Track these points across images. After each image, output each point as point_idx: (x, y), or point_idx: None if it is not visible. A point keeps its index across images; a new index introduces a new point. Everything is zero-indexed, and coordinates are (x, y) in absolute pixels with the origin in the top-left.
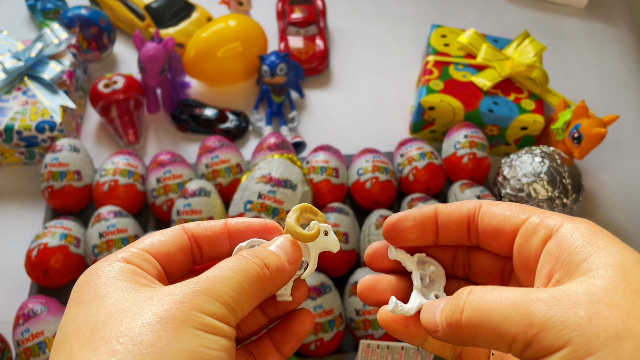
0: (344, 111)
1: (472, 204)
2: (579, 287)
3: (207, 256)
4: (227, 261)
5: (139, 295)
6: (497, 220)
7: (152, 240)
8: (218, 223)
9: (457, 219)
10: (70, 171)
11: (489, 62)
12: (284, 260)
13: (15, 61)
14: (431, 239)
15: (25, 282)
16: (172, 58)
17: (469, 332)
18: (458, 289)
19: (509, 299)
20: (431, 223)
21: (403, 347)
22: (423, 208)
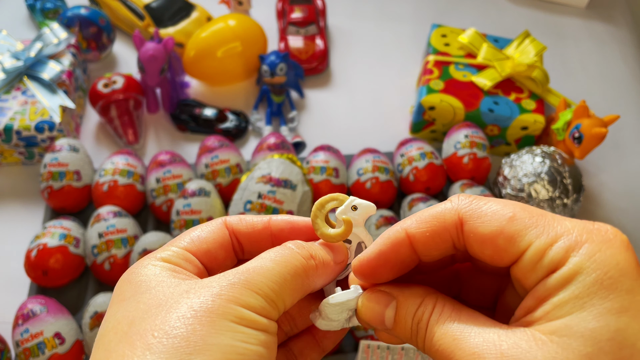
0: (344, 111)
1: (450, 219)
2: (543, 353)
3: (248, 253)
4: (270, 251)
5: (177, 289)
6: (490, 251)
7: (192, 237)
8: (260, 220)
9: (436, 244)
10: (70, 171)
11: (489, 61)
12: (330, 258)
13: (14, 61)
14: (410, 265)
15: (25, 282)
16: (171, 58)
17: (432, 356)
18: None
19: (465, 353)
20: (405, 250)
21: (403, 347)
22: (390, 235)
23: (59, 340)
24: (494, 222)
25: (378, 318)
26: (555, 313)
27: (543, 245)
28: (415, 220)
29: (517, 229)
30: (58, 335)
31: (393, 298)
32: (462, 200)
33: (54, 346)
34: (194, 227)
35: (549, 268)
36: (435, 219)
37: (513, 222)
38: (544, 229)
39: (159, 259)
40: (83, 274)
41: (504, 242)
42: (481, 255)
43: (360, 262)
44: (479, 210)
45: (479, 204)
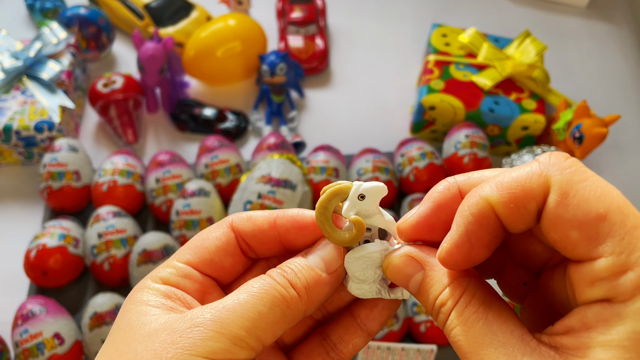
0: (344, 111)
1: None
2: None
3: (258, 253)
4: (250, 283)
5: (146, 329)
6: (557, 236)
7: (196, 248)
8: (267, 220)
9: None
10: (69, 171)
11: (489, 61)
12: (320, 270)
13: (13, 61)
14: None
15: (24, 282)
16: (171, 57)
17: (442, 329)
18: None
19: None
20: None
21: (404, 348)
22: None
23: (58, 340)
24: (580, 211)
25: (403, 283)
26: (598, 354)
27: (616, 265)
28: (494, 186)
29: (600, 232)
30: (57, 336)
31: (421, 268)
32: (555, 162)
33: (54, 346)
34: (201, 233)
35: (608, 293)
36: (520, 185)
37: (600, 222)
38: (626, 247)
39: (157, 280)
40: (82, 274)
41: (577, 239)
42: (547, 232)
43: (411, 225)
44: (572, 185)
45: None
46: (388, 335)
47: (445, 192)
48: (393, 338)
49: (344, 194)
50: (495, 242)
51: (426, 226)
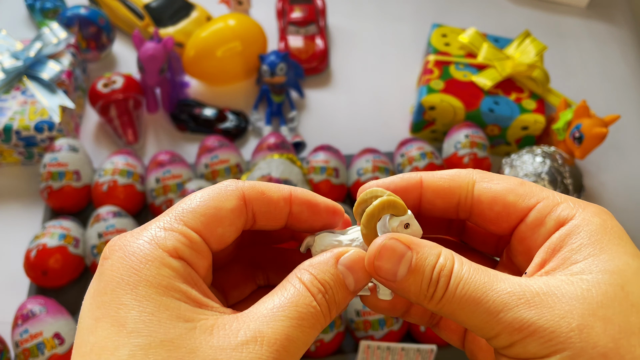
0: (344, 111)
1: (464, 177)
2: (574, 288)
3: (258, 226)
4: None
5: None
6: (499, 207)
7: (208, 217)
8: (282, 196)
9: (446, 195)
10: (69, 171)
11: (489, 61)
12: (350, 287)
13: (14, 61)
14: (412, 207)
15: (24, 282)
16: (171, 57)
17: (444, 311)
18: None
19: (498, 293)
20: (414, 193)
21: (403, 348)
22: (405, 176)
23: (58, 340)
24: (505, 183)
25: (391, 272)
26: (577, 257)
27: (551, 203)
28: (431, 173)
29: (526, 190)
30: (57, 336)
31: (408, 248)
32: (477, 170)
33: (54, 346)
34: (210, 195)
35: (558, 221)
36: (450, 176)
37: (523, 185)
38: (547, 194)
39: (172, 250)
40: (82, 274)
41: (514, 198)
42: (489, 213)
43: (369, 185)
44: (491, 175)
45: (491, 173)
46: (388, 335)
47: (411, 178)
48: (393, 338)
49: (399, 212)
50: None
51: (391, 186)
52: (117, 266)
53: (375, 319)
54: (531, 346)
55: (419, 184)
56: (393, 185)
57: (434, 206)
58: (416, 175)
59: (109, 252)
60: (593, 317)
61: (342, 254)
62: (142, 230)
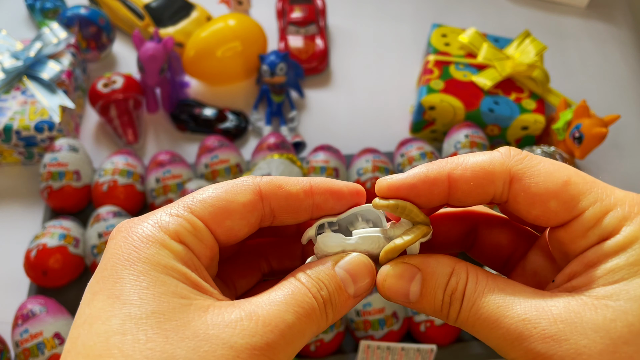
0: (344, 111)
1: (499, 172)
2: (596, 317)
3: (279, 221)
4: (299, 299)
5: (193, 329)
6: (538, 211)
7: (218, 208)
8: (302, 189)
9: (478, 195)
10: (69, 171)
11: (489, 61)
12: (349, 292)
13: (14, 61)
14: (433, 206)
15: (24, 282)
16: (171, 57)
17: (465, 328)
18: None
19: (513, 320)
20: (440, 193)
21: (403, 347)
22: (431, 174)
23: (58, 340)
24: (548, 183)
25: (402, 293)
26: (608, 278)
27: (597, 213)
28: (460, 164)
29: (572, 194)
30: (57, 336)
31: (417, 270)
32: (514, 154)
33: (54, 346)
34: (223, 189)
35: (601, 235)
36: (483, 169)
37: (568, 187)
38: (598, 196)
39: (173, 234)
40: (83, 274)
41: (556, 206)
42: (526, 215)
43: (388, 183)
44: (532, 168)
45: (532, 161)
46: (388, 335)
47: (437, 178)
48: (393, 338)
49: (424, 239)
50: (424, 206)
51: (412, 189)
52: (119, 245)
53: (375, 319)
54: None
55: (446, 183)
56: (415, 189)
57: (463, 203)
58: (442, 171)
59: (115, 232)
60: (613, 354)
61: (340, 258)
62: (149, 215)
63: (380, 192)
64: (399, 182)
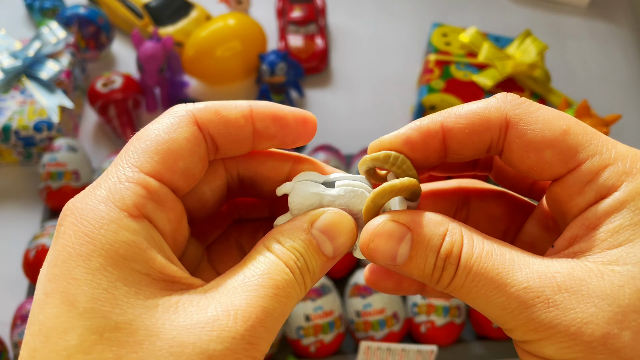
0: (344, 110)
1: (496, 117)
2: (603, 283)
3: (223, 153)
4: (275, 276)
5: (162, 338)
6: (532, 161)
7: (163, 153)
8: (241, 113)
9: (474, 144)
10: (68, 171)
11: (490, 61)
12: (327, 253)
13: (13, 60)
14: (431, 163)
15: (23, 282)
16: (170, 57)
17: (455, 295)
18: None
19: (514, 288)
20: (435, 146)
21: (404, 348)
22: (423, 126)
23: None
24: (545, 131)
25: (389, 255)
26: (612, 241)
27: (596, 166)
28: (453, 113)
29: (570, 144)
30: None
31: (407, 230)
32: (511, 99)
33: None
34: (155, 128)
35: (599, 192)
36: (478, 115)
37: (566, 136)
38: (597, 149)
39: (132, 211)
40: None
41: (551, 156)
42: (519, 164)
43: (381, 140)
44: (530, 115)
45: (530, 107)
46: (388, 336)
47: (430, 129)
48: (393, 339)
49: (412, 194)
50: (422, 164)
51: (406, 142)
52: (69, 233)
53: (376, 319)
54: (548, 349)
55: (440, 133)
56: (409, 142)
57: (461, 155)
58: (435, 123)
59: (62, 217)
60: (621, 323)
61: (317, 217)
62: (97, 187)
63: (371, 151)
64: (392, 136)
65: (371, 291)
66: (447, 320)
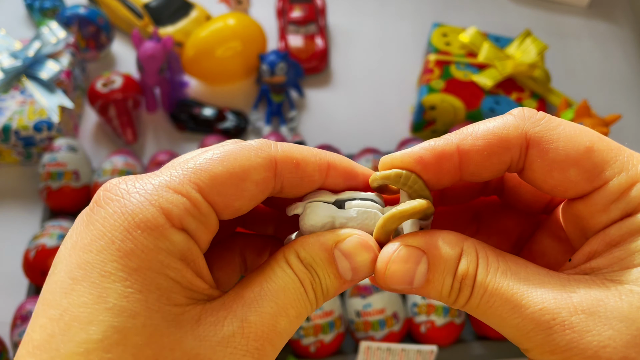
0: (344, 110)
1: (514, 137)
2: (621, 304)
3: (282, 195)
4: (286, 290)
5: (182, 346)
6: (556, 181)
7: (230, 186)
8: (318, 168)
9: (492, 166)
10: (68, 171)
11: (490, 61)
12: (346, 277)
13: (13, 60)
14: (443, 185)
15: (23, 283)
16: (170, 57)
17: (472, 314)
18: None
19: (529, 310)
20: (450, 168)
21: (404, 348)
22: (438, 147)
23: None
24: (569, 149)
25: (406, 280)
26: (633, 260)
27: (623, 184)
28: (470, 134)
29: (595, 162)
30: None
31: (423, 253)
32: (530, 115)
33: None
34: (232, 158)
35: (625, 210)
36: (496, 136)
37: (591, 154)
38: (624, 165)
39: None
40: None
41: (577, 175)
42: (542, 184)
43: (392, 157)
44: (551, 132)
45: (551, 124)
46: (388, 336)
47: (445, 151)
48: (393, 339)
49: (424, 216)
50: (434, 186)
51: (418, 162)
52: (110, 222)
53: (376, 319)
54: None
55: (456, 156)
56: (422, 162)
57: (479, 176)
58: (450, 145)
59: (103, 199)
60: (636, 349)
61: (342, 239)
62: (146, 183)
63: (382, 168)
64: (404, 154)
65: (371, 291)
66: (447, 320)
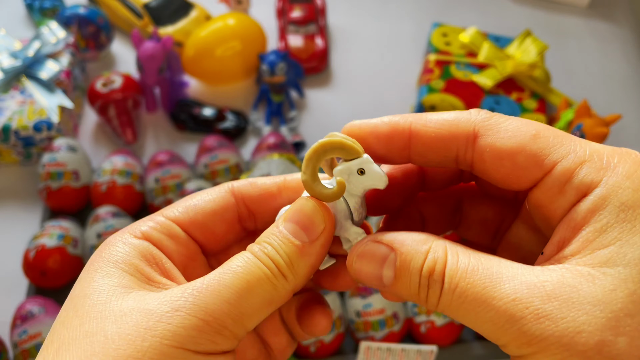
0: (345, 110)
1: (464, 128)
2: (595, 288)
3: (262, 222)
4: (235, 260)
5: (117, 306)
6: (507, 169)
7: (187, 206)
8: (274, 183)
9: (439, 149)
10: (68, 171)
11: (490, 61)
12: (300, 240)
13: (12, 60)
14: (399, 157)
15: (23, 283)
16: (170, 57)
17: (447, 314)
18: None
19: (502, 301)
20: (400, 142)
21: (404, 349)
22: (393, 120)
23: None
24: (515, 138)
25: (374, 276)
26: (601, 241)
27: (572, 164)
28: (424, 117)
29: (541, 146)
30: None
31: (390, 250)
32: (482, 114)
33: None
34: (195, 194)
35: (580, 190)
36: (447, 122)
37: (537, 140)
38: (570, 147)
39: (137, 233)
40: None
41: (524, 160)
42: (495, 175)
43: (351, 126)
44: (499, 125)
45: (499, 120)
46: (388, 336)
47: (398, 125)
48: (393, 339)
49: (349, 154)
50: (391, 156)
51: (373, 130)
52: (95, 253)
53: (376, 319)
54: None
55: (407, 132)
56: (376, 131)
57: (426, 159)
58: (405, 121)
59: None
60: (616, 329)
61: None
62: (132, 225)
63: (344, 132)
64: (362, 123)
65: (371, 291)
66: (447, 320)
